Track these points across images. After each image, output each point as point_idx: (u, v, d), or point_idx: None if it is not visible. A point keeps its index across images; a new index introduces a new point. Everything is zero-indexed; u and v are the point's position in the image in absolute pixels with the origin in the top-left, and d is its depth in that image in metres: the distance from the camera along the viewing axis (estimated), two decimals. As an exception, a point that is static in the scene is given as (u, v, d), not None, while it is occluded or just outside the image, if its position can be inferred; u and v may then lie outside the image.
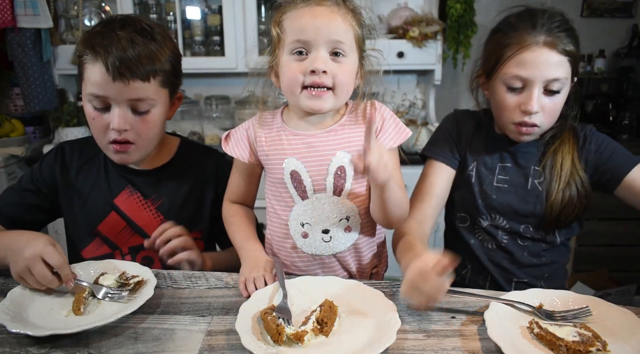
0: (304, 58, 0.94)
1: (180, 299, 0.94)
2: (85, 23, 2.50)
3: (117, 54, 1.00)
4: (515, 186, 1.14)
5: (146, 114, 1.08)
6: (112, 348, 0.79)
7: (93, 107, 1.07)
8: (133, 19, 1.08)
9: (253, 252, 1.04)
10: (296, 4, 0.95)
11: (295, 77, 0.94)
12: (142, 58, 1.03)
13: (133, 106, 1.06)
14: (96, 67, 1.02)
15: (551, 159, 1.11)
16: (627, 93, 2.70)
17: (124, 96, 1.03)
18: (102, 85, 1.03)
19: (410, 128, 2.39)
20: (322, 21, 0.93)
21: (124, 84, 1.02)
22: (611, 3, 2.81)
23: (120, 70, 1.00)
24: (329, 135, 1.02)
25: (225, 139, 1.11)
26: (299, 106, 0.98)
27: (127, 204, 1.16)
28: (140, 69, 1.02)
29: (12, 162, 2.38)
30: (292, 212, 1.04)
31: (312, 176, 1.01)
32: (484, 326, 0.80)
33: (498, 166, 1.16)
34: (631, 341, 0.78)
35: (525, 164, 1.14)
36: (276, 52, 0.99)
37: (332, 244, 1.04)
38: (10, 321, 0.82)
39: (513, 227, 1.15)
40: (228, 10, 2.39)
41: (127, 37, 1.02)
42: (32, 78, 2.36)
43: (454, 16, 2.47)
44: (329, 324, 0.81)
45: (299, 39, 0.93)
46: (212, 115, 2.57)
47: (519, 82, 1.03)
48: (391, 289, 0.97)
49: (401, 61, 2.46)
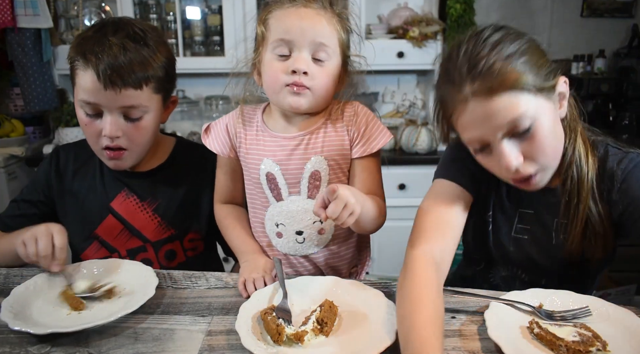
0: (287, 58, 0.95)
1: (180, 299, 0.94)
2: (85, 23, 2.49)
3: (108, 62, 0.98)
4: (538, 237, 0.97)
5: (139, 121, 1.06)
6: (112, 348, 0.79)
7: (85, 113, 1.05)
8: (126, 23, 1.06)
9: (252, 254, 1.05)
10: (283, 4, 0.96)
11: (277, 76, 0.95)
12: (134, 65, 1.01)
13: (125, 112, 1.04)
14: (87, 74, 1.00)
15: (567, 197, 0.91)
16: (627, 93, 2.69)
17: (116, 103, 1.02)
18: (94, 93, 1.01)
19: (410, 128, 2.41)
20: (308, 23, 0.94)
21: (116, 92, 1.00)
22: (611, 3, 2.81)
23: (112, 78, 0.99)
24: (305, 138, 1.02)
25: (205, 131, 1.11)
26: (280, 104, 0.99)
27: (124, 207, 1.16)
28: (132, 76, 1.00)
29: (12, 162, 2.37)
30: (267, 212, 1.06)
31: (287, 178, 1.02)
32: (484, 326, 0.80)
33: (517, 213, 0.98)
34: (631, 341, 0.78)
35: (548, 215, 0.96)
36: (260, 50, 0.99)
37: (306, 245, 1.05)
38: (13, 319, 0.82)
39: (533, 281, 0.98)
40: (228, 10, 2.39)
41: (119, 43, 1.00)
42: (32, 78, 2.36)
43: (454, 16, 2.47)
44: (329, 324, 0.81)
45: (283, 38, 0.94)
46: (212, 115, 2.57)
47: (477, 144, 0.86)
48: (391, 289, 0.97)
49: (401, 61, 2.46)
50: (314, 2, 0.95)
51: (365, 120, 1.02)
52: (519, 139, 0.83)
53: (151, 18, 2.47)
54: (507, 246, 1.00)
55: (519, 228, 0.99)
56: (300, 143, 1.02)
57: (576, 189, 0.90)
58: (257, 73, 1.03)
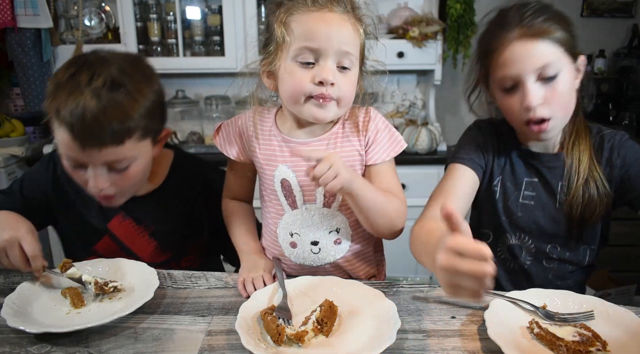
0: (311, 66, 0.89)
1: (180, 299, 0.94)
2: (85, 23, 2.50)
3: (82, 121, 0.90)
4: (543, 202, 1.09)
5: (126, 170, 0.99)
6: (112, 348, 0.79)
7: (69, 164, 0.99)
8: (103, 65, 0.95)
9: (252, 254, 1.04)
10: (305, 5, 0.89)
11: (301, 86, 0.89)
12: (112, 121, 0.91)
13: (110, 165, 0.97)
14: (64, 133, 0.93)
15: (570, 158, 1.06)
16: (627, 93, 2.69)
17: (98, 160, 0.95)
18: (72, 150, 0.94)
19: (410, 128, 2.41)
20: (334, 29, 0.88)
21: (94, 151, 0.93)
22: (611, 3, 2.81)
23: (87, 139, 0.91)
24: (321, 144, 0.98)
25: (217, 131, 1.07)
26: (302, 114, 0.93)
27: (121, 230, 1.13)
28: (110, 134, 0.92)
29: (12, 162, 2.37)
30: (281, 220, 1.02)
31: (302, 186, 0.98)
32: (484, 326, 0.80)
33: (524, 181, 1.10)
34: (631, 341, 0.78)
35: (553, 179, 1.08)
36: (278, 54, 0.92)
37: (321, 255, 1.01)
38: (12, 316, 0.83)
39: (539, 247, 1.10)
40: (228, 10, 2.39)
41: (94, 95, 0.90)
42: (32, 78, 2.36)
43: (454, 16, 2.47)
44: (329, 324, 0.81)
45: (309, 46, 0.88)
46: (212, 115, 2.57)
47: (509, 81, 1.00)
48: (391, 289, 0.97)
49: (401, 61, 2.46)
50: (337, 5, 0.89)
51: (380, 127, 0.99)
52: (544, 84, 0.98)
53: (151, 18, 2.47)
54: (515, 211, 1.10)
55: (526, 195, 1.10)
56: (316, 149, 0.97)
57: (578, 151, 1.06)
58: (268, 76, 0.97)
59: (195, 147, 2.44)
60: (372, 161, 0.99)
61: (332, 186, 0.83)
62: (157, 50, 2.53)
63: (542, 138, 1.04)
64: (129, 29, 2.42)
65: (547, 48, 0.97)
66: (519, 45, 0.97)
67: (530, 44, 0.97)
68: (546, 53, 0.97)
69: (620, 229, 1.13)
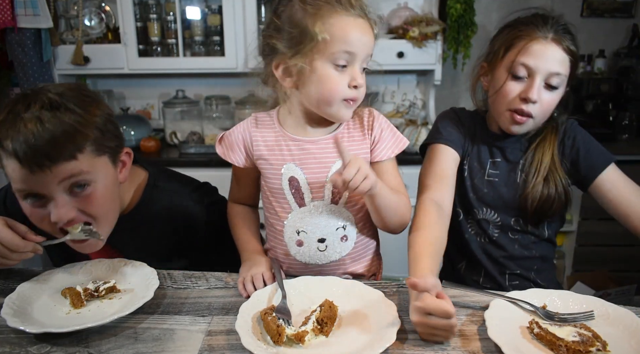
0: (344, 70, 0.93)
1: (180, 299, 0.94)
2: (85, 23, 2.50)
3: (26, 144, 0.85)
4: (506, 179, 1.18)
5: (85, 191, 0.93)
6: (112, 348, 0.79)
7: (26, 205, 0.93)
8: (38, 93, 0.91)
9: (252, 253, 1.05)
10: (336, 10, 0.91)
11: (337, 89, 0.93)
12: (58, 138, 0.87)
13: (67, 188, 0.91)
14: (10, 163, 0.88)
15: (532, 154, 1.16)
16: (627, 93, 2.69)
17: (52, 182, 0.89)
18: (24, 180, 0.89)
19: (410, 128, 2.41)
20: (367, 37, 0.93)
21: (46, 173, 0.88)
22: (611, 3, 2.81)
23: (35, 159, 0.86)
24: (328, 142, 1.00)
25: (219, 141, 1.08)
26: (330, 114, 0.96)
27: (102, 255, 1.07)
28: (58, 150, 0.88)
29: (12, 162, 2.37)
30: (288, 219, 1.03)
31: (310, 183, 1.00)
32: (484, 326, 0.80)
33: (489, 161, 1.20)
34: (631, 341, 0.78)
35: (514, 159, 1.18)
36: (311, 53, 0.91)
37: (327, 253, 1.02)
38: (12, 316, 0.83)
39: (504, 221, 1.19)
40: (228, 10, 2.39)
41: (33, 118, 0.87)
42: (32, 78, 2.36)
43: (454, 16, 2.47)
44: (329, 324, 0.81)
45: (348, 50, 0.91)
46: (212, 115, 2.56)
47: (523, 70, 1.08)
48: (391, 289, 0.97)
49: (401, 61, 2.46)
50: (359, 10, 0.93)
51: (384, 126, 1.03)
52: (547, 88, 1.08)
53: (151, 18, 2.47)
54: (481, 188, 1.20)
55: (491, 173, 1.20)
56: (325, 147, 1.00)
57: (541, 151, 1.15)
58: (286, 74, 0.96)
59: (195, 147, 2.44)
60: (378, 158, 1.03)
61: (362, 187, 0.86)
62: (157, 50, 2.53)
63: (515, 130, 1.13)
64: (129, 29, 2.42)
65: (565, 62, 1.08)
66: (549, 45, 1.07)
67: (558, 50, 1.07)
68: (563, 66, 1.08)
69: (620, 229, 1.13)
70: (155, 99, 2.78)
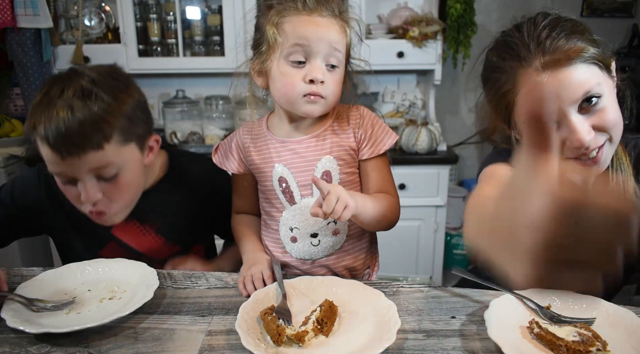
0: (302, 65, 0.95)
1: (180, 299, 0.94)
2: (85, 23, 2.50)
3: (57, 131, 0.91)
4: None
5: (115, 179, 0.99)
6: (112, 348, 0.79)
7: (59, 181, 1.00)
8: (73, 77, 0.96)
9: (252, 252, 1.06)
10: (297, 9, 0.95)
11: (294, 85, 0.95)
12: (86, 127, 0.92)
13: (97, 174, 0.97)
14: (44, 147, 0.94)
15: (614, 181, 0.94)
16: (627, 93, 2.69)
17: (82, 169, 0.95)
18: (56, 164, 0.95)
19: (410, 128, 2.41)
20: (324, 31, 0.94)
21: (75, 160, 0.93)
22: (611, 3, 2.81)
23: (66, 147, 0.92)
24: (313, 141, 1.03)
25: (215, 151, 1.13)
26: (295, 110, 0.99)
27: (126, 233, 1.13)
28: (86, 139, 0.92)
29: (12, 162, 2.37)
30: (281, 217, 1.06)
31: (298, 181, 1.03)
32: (484, 326, 0.80)
33: None
34: (631, 341, 0.78)
35: None
36: (269, 54, 0.97)
37: (321, 248, 1.05)
38: (12, 316, 0.83)
39: None
40: (228, 10, 2.39)
41: (65, 105, 0.92)
42: (32, 78, 2.36)
43: (454, 16, 2.47)
44: (329, 324, 0.81)
45: (300, 43, 0.94)
46: (212, 115, 2.57)
47: None
48: (391, 289, 0.97)
49: (401, 61, 2.46)
50: (325, 10, 0.96)
51: (371, 123, 1.04)
52: (588, 113, 0.83)
53: (151, 18, 2.47)
54: None
55: None
56: (309, 146, 1.03)
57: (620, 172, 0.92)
58: (258, 75, 1.02)
59: (195, 147, 2.44)
60: (366, 155, 1.04)
61: (344, 217, 0.88)
62: (157, 50, 2.53)
63: (597, 171, 0.88)
64: (129, 29, 2.42)
65: (584, 71, 0.82)
66: (547, 79, 0.81)
67: (562, 73, 0.81)
68: (587, 77, 0.82)
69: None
70: (155, 99, 2.78)
